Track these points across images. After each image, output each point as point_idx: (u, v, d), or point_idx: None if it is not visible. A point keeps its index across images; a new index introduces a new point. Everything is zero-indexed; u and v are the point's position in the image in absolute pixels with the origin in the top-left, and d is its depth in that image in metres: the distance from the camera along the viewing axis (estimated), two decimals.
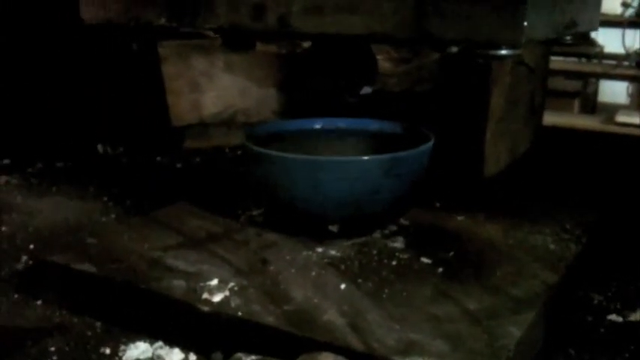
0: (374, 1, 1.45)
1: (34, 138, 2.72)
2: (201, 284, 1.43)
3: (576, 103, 4.47)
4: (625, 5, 4.52)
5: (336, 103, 2.23)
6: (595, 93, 4.85)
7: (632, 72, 4.43)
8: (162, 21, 1.72)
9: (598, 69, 4.53)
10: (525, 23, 1.32)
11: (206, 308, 1.36)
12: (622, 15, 4.49)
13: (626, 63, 4.46)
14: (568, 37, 1.69)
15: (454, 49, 1.47)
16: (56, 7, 2.54)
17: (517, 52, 1.43)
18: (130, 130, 2.78)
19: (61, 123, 2.76)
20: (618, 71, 4.42)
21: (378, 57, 2.07)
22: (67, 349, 1.38)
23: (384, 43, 1.50)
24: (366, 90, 1.85)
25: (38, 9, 2.72)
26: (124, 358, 1.35)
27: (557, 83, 4.20)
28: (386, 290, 1.42)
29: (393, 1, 1.43)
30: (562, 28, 1.58)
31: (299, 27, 1.54)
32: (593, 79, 4.73)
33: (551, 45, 2.38)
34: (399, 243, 1.65)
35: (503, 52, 1.41)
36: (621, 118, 3.83)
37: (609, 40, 4.45)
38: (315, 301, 1.37)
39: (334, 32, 1.51)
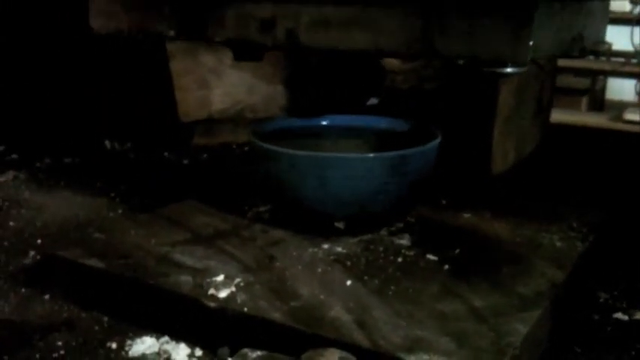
0: (380, 17, 1.46)
1: (43, 133, 2.74)
2: (208, 280, 1.43)
3: (584, 101, 4.45)
4: (634, 3, 4.49)
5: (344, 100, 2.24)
6: (603, 90, 4.82)
7: None
8: (172, 33, 1.74)
9: (606, 66, 4.50)
10: (531, 42, 1.32)
11: (212, 304, 1.36)
12: (631, 12, 4.46)
13: (634, 60, 4.43)
14: (575, 52, 1.70)
15: (460, 61, 1.47)
16: (64, 3, 2.55)
17: (523, 69, 1.43)
18: (137, 126, 2.79)
19: (69, 119, 2.77)
20: (627, 69, 4.40)
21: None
22: (74, 343, 1.39)
23: (390, 57, 1.50)
24: (373, 101, 1.86)
25: (46, 6, 2.73)
26: (130, 352, 1.36)
27: (566, 81, 4.18)
28: (392, 287, 1.42)
29: (400, 17, 1.43)
30: (569, 42, 1.58)
31: (307, 41, 1.55)
32: (601, 77, 4.70)
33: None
34: (405, 240, 1.65)
35: (509, 69, 1.42)
36: (629, 115, 3.81)
37: (617, 38, 4.40)
38: (322, 297, 1.38)
39: (341, 47, 1.52)
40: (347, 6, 1.48)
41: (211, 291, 1.39)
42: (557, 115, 2.73)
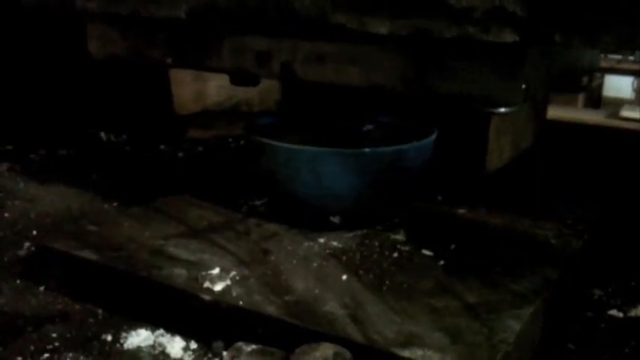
0: (375, 55, 1.47)
1: (38, 125, 2.73)
2: (203, 273, 1.43)
3: (581, 98, 4.45)
4: None
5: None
6: (600, 87, 4.84)
7: (637, 67, 4.41)
8: (169, 61, 1.75)
9: (603, 63, 4.51)
10: (524, 86, 1.33)
11: (207, 297, 1.36)
12: None
13: (631, 58, 4.44)
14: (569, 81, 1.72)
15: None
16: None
17: (515, 108, 1.45)
18: (133, 118, 2.78)
19: (64, 110, 2.76)
20: (623, 66, 4.41)
21: None
22: (68, 335, 1.39)
23: (384, 94, 1.52)
24: (368, 127, 1.87)
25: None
26: (125, 345, 1.36)
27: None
28: (387, 282, 1.42)
29: (395, 55, 1.44)
30: (561, 74, 1.59)
31: (302, 75, 1.56)
32: (598, 74, 4.71)
33: None
34: (400, 235, 1.65)
35: (502, 109, 1.43)
36: (626, 112, 3.81)
37: None
38: (316, 292, 1.38)
39: (336, 82, 1.53)
40: (342, 42, 1.48)
41: (206, 284, 1.39)
42: (554, 112, 2.73)
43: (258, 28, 1.57)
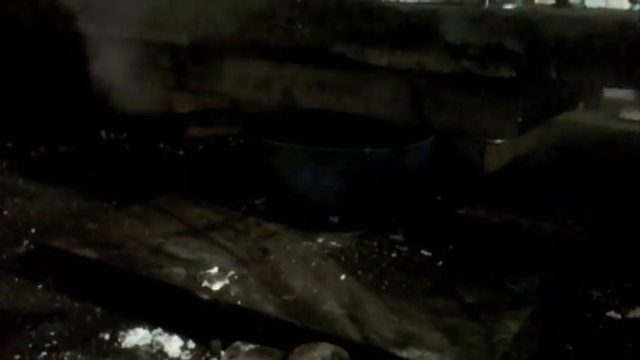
0: (374, 85, 1.48)
1: (38, 122, 2.72)
2: (202, 272, 1.43)
3: None
4: (633, 1, 4.49)
5: None
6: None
7: None
8: (170, 83, 1.75)
9: None
10: (520, 119, 1.33)
11: (206, 296, 1.36)
12: (630, 11, 4.46)
13: None
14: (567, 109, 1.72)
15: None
16: None
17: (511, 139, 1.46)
18: (133, 116, 2.77)
19: (64, 108, 2.75)
20: None
21: None
22: (66, 333, 1.39)
23: (382, 123, 1.55)
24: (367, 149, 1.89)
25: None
26: (123, 343, 1.36)
27: None
28: (385, 282, 1.42)
29: (393, 87, 1.45)
30: (559, 104, 1.60)
31: (302, 101, 1.57)
32: None
33: None
34: (399, 235, 1.65)
35: (498, 140, 1.44)
36: (626, 114, 3.81)
37: None
38: (315, 291, 1.38)
39: (335, 109, 1.55)
40: (342, 71, 1.49)
41: (205, 283, 1.39)
42: None
43: (259, 55, 1.58)
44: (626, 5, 4.52)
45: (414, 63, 1.36)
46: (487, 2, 1.38)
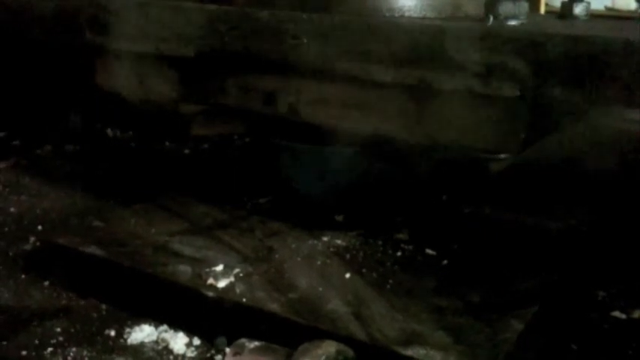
0: (378, 101, 1.47)
1: (44, 120, 2.73)
2: (207, 270, 1.44)
3: None
4: (639, 1, 4.47)
5: None
6: None
7: None
8: (175, 95, 1.76)
9: None
10: (523, 136, 1.34)
11: (211, 294, 1.37)
12: (636, 10, 4.45)
13: None
14: None
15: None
16: None
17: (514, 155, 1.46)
18: (139, 114, 2.78)
19: (70, 106, 2.76)
20: None
21: None
22: (72, 330, 1.39)
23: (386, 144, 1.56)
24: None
25: None
26: (128, 340, 1.36)
27: None
28: (390, 281, 1.42)
29: (397, 103, 1.45)
30: (562, 121, 1.60)
31: (307, 117, 1.57)
32: None
33: None
34: (404, 234, 1.65)
35: (502, 156, 1.44)
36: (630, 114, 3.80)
37: None
38: (320, 289, 1.38)
39: (339, 125, 1.55)
40: (346, 86, 1.49)
41: (210, 281, 1.40)
42: None
43: (264, 70, 1.59)
44: (633, 5, 4.50)
45: (419, 80, 1.37)
46: (491, 19, 1.38)
